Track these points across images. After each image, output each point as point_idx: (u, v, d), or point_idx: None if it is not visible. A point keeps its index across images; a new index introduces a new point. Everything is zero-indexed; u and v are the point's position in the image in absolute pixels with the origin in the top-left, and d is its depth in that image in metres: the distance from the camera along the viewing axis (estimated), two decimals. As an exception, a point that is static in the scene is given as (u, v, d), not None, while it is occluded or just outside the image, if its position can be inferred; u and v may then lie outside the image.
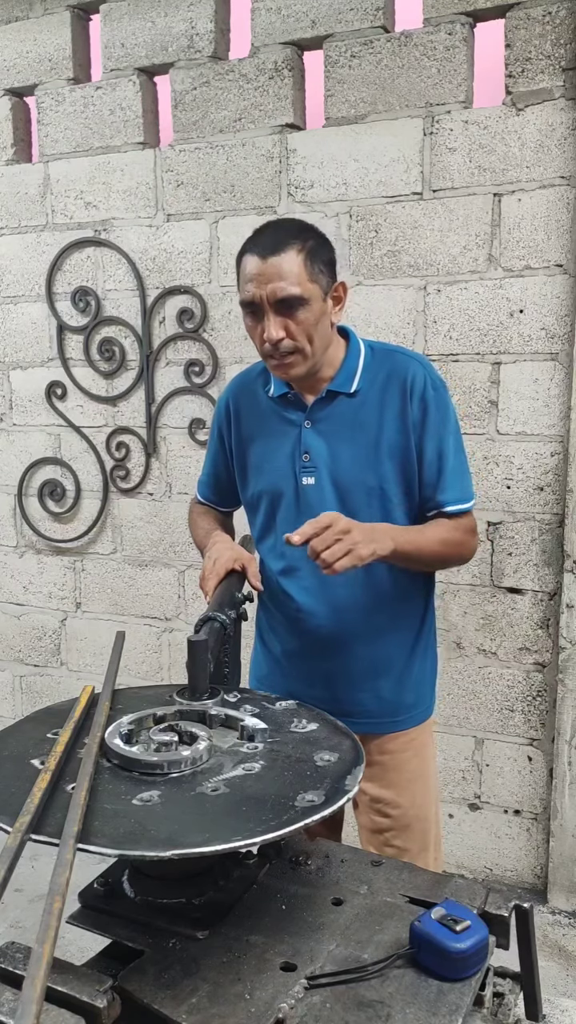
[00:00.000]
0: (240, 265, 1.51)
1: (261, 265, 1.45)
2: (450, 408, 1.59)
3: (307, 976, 0.84)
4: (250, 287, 1.47)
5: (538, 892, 2.59)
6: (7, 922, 2.41)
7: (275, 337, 1.46)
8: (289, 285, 1.44)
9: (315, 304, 1.47)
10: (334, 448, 1.57)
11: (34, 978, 0.66)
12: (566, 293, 2.38)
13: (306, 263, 1.46)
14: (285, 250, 1.45)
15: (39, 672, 3.38)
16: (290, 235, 1.48)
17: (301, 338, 1.48)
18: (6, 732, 1.15)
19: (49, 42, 2.99)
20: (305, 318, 1.47)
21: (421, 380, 1.55)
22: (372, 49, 2.53)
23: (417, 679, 1.68)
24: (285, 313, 1.46)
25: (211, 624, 1.32)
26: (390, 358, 1.60)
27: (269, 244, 1.47)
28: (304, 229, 1.53)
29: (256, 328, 1.50)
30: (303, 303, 1.45)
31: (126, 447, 3.06)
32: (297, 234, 1.49)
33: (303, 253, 1.46)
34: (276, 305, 1.45)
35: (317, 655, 1.62)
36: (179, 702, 1.16)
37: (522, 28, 2.35)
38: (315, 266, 1.47)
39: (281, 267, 1.44)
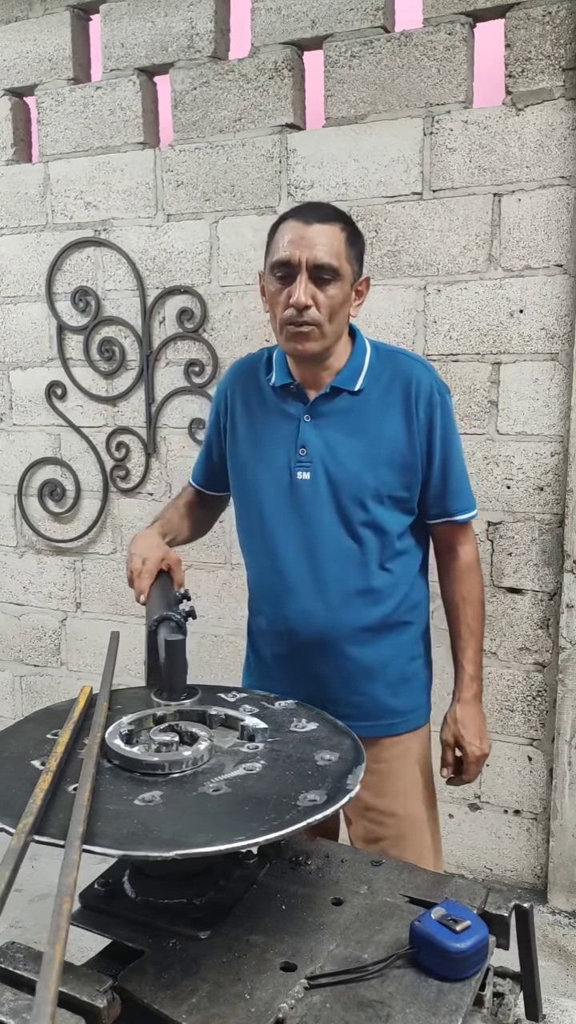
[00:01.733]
0: (277, 231, 1.49)
1: (305, 228, 1.44)
2: (453, 414, 1.60)
3: (307, 976, 0.84)
4: (289, 247, 1.44)
5: (538, 892, 2.59)
6: (7, 922, 2.41)
7: (303, 301, 1.43)
8: (330, 255, 1.43)
9: (345, 284, 1.47)
10: (333, 445, 1.55)
11: (47, 980, 0.67)
12: (566, 293, 2.38)
13: (346, 242, 1.47)
14: (330, 222, 1.46)
15: (39, 672, 3.38)
16: (335, 213, 1.51)
17: (325, 312, 1.46)
18: (6, 733, 1.15)
19: (49, 42, 2.99)
20: (334, 294, 1.45)
21: (427, 384, 1.55)
22: (372, 49, 2.53)
23: (412, 683, 1.67)
24: (317, 283, 1.44)
25: (168, 623, 1.29)
26: (394, 360, 1.59)
27: (315, 214, 1.47)
28: (347, 216, 1.55)
29: (282, 292, 1.47)
30: (337, 277, 1.45)
31: (126, 447, 3.06)
32: (342, 215, 1.52)
33: (345, 232, 1.47)
34: (312, 270, 1.43)
35: (308, 658, 1.59)
36: (157, 702, 1.15)
37: (522, 28, 2.35)
38: (352, 249, 1.48)
39: (324, 235, 1.44)
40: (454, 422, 1.60)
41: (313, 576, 1.57)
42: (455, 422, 1.61)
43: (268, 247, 1.52)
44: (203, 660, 2.95)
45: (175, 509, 1.80)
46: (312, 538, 1.56)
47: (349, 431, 1.54)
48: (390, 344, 1.70)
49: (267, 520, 1.60)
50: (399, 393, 1.54)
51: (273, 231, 1.51)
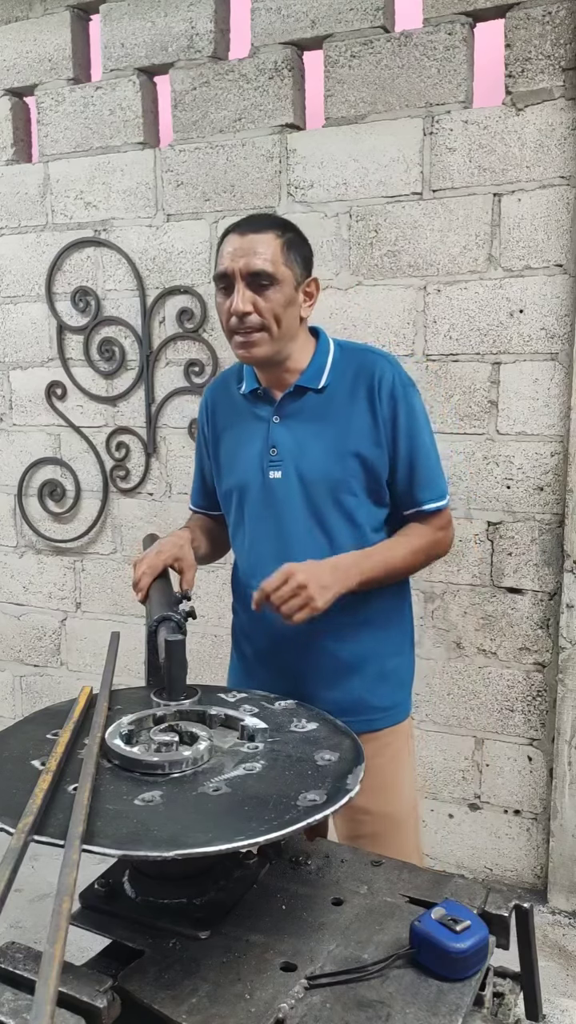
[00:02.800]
0: (220, 245, 1.55)
1: (239, 240, 1.49)
2: (419, 405, 1.61)
3: (307, 976, 0.84)
4: (224, 260, 1.50)
5: (538, 892, 2.59)
6: (7, 922, 2.41)
7: (241, 309, 1.48)
8: (262, 261, 1.47)
9: (286, 287, 1.50)
10: (301, 443, 1.58)
11: (47, 979, 0.67)
12: (566, 293, 2.38)
13: (282, 248, 1.50)
14: (264, 231, 1.49)
15: (39, 672, 3.38)
16: (272, 222, 1.54)
17: (268, 316, 1.49)
18: (6, 733, 1.15)
19: (49, 42, 2.99)
20: (275, 298, 1.49)
21: (389, 378, 1.56)
22: (372, 49, 2.53)
23: (392, 679, 1.66)
24: (255, 289, 1.48)
25: (168, 623, 1.29)
26: (358, 356, 1.61)
27: (251, 225, 1.52)
28: (286, 223, 1.57)
29: (225, 303, 1.52)
30: (274, 282, 1.48)
31: (126, 447, 3.06)
32: (278, 223, 1.55)
33: (281, 239, 1.50)
34: (248, 278, 1.47)
35: (285, 653, 1.60)
36: (157, 702, 1.15)
37: (522, 28, 2.35)
38: (290, 254, 1.50)
39: (257, 244, 1.48)
40: (422, 414, 1.61)
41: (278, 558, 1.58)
42: (423, 413, 1.62)
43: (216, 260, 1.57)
44: (203, 660, 2.95)
45: (195, 523, 1.81)
46: (286, 534, 1.59)
47: (317, 428, 1.57)
48: (358, 342, 1.73)
49: (246, 521, 1.64)
50: (363, 388, 1.56)
51: (220, 243, 1.56)
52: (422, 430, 1.60)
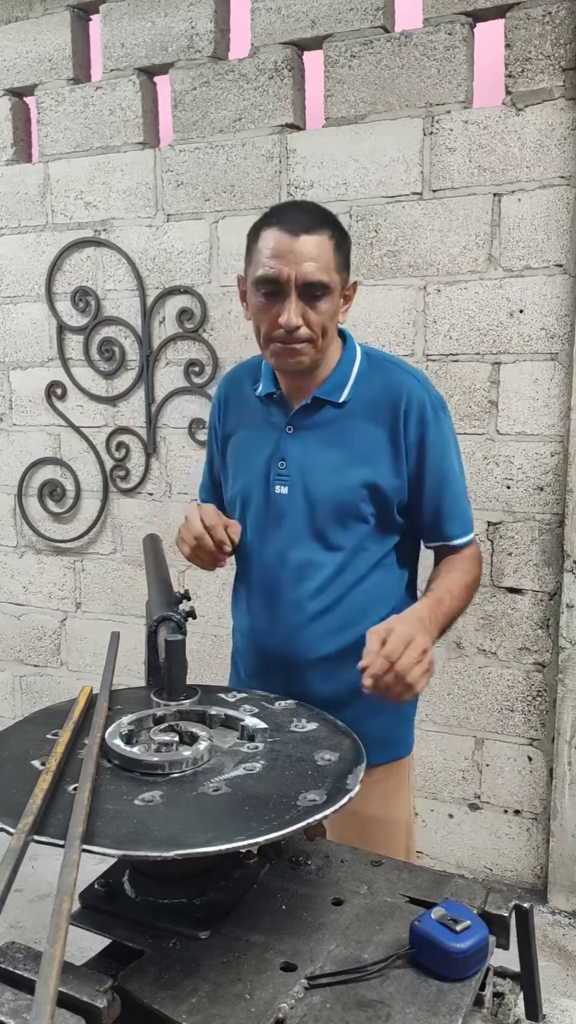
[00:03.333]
0: (258, 239, 1.38)
1: (291, 242, 1.33)
2: (449, 431, 1.48)
3: (307, 976, 0.84)
4: (275, 263, 1.34)
5: (538, 892, 2.59)
6: (7, 922, 2.41)
7: (294, 323, 1.35)
8: (320, 270, 1.34)
9: (335, 296, 1.38)
10: (312, 459, 1.46)
11: (47, 979, 0.67)
12: (566, 293, 2.38)
13: (335, 251, 1.37)
14: (318, 232, 1.35)
15: (39, 672, 3.38)
16: (323, 219, 1.39)
17: (316, 329, 1.37)
18: (6, 733, 1.15)
19: (49, 42, 2.99)
20: (325, 309, 1.37)
21: (419, 400, 1.44)
22: (372, 49, 2.53)
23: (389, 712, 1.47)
24: (307, 299, 1.35)
25: (168, 623, 1.29)
26: (386, 371, 1.48)
27: (301, 222, 1.35)
28: (332, 217, 1.42)
29: (269, 309, 1.37)
30: (328, 292, 1.36)
31: (126, 447, 3.06)
32: (328, 220, 1.40)
33: (332, 240, 1.37)
34: (302, 288, 1.34)
35: (275, 677, 1.48)
36: (157, 702, 1.15)
37: (522, 28, 2.35)
38: (341, 256, 1.39)
39: (312, 247, 1.33)
40: (451, 441, 1.48)
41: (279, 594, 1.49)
42: (454, 440, 1.49)
43: (249, 255, 1.42)
44: (203, 660, 2.95)
45: None
46: (284, 555, 1.49)
47: (331, 445, 1.46)
48: (386, 352, 1.59)
49: (246, 532, 1.53)
50: (387, 408, 1.44)
51: (254, 236, 1.40)
52: (452, 458, 1.48)
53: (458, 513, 1.49)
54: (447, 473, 1.47)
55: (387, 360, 1.52)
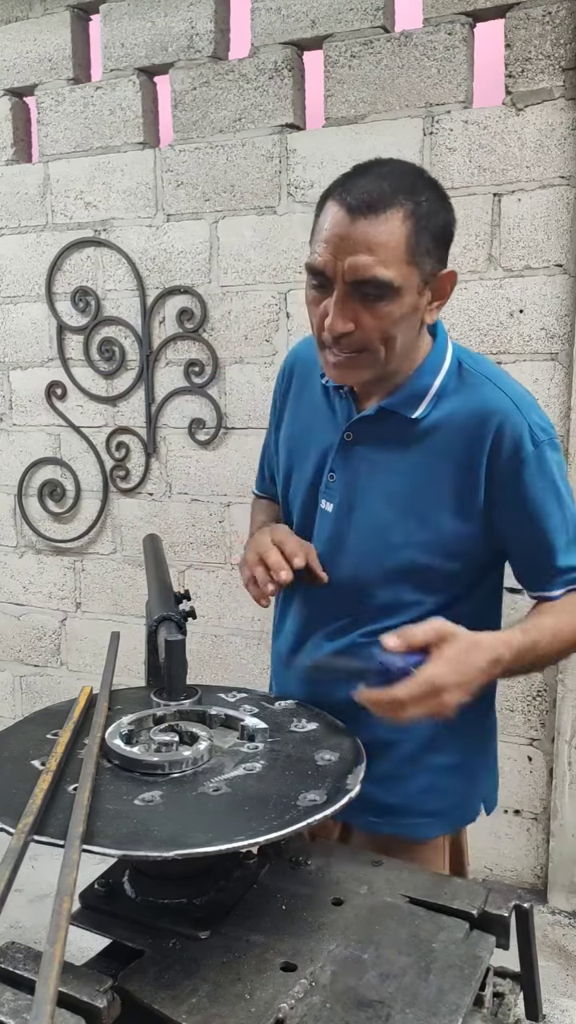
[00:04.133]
0: (321, 213, 1.11)
1: (347, 224, 1.05)
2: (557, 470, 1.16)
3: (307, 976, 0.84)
4: (322, 249, 1.07)
5: (538, 892, 2.59)
6: (7, 922, 2.41)
7: (339, 330, 1.08)
8: (377, 264, 1.04)
9: (407, 296, 1.08)
10: (366, 482, 1.21)
11: (47, 979, 0.67)
12: (566, 293, 2.38)
13: (411, 236, 1.06)
14: (387, 210, 1.05)
15: (39, 672, 3.38)
16: (401, 189, 1.07)
17: (374, 337, 1.09)
18: (6, 733, 1.15)
19: (49, 42, 2.99)
20: (388, 312, 1.07)
21: (516, 431, 1.13)
22: (372, 49, 2.53)
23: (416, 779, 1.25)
24: (362, 300, 1.07)
25: (168, 623, 1.28)
26: (481, 390, 1.17)
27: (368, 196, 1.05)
28: (423, 181, 1.11)
29: (319, 304, 1.11)
30: (391, 292, 1.06)
31: (126, 447, 3.06)
32: (411, 189, 1.08)
33: (410, 220, 1.06)
34: (352, 286, 1.06)
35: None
36: (157, 702, 1.15)
37: (522, 28, 2.35)
38: (423, 241, 1.08)
39: (374, 235, 1.04)
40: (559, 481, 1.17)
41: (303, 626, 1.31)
42: (563, 479, 1.18)
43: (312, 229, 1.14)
44: (203, 660, 2.95)
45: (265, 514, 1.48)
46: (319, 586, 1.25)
47: (391, 468, 1.19)
48: (488, 362, 1.25)
49: None
50: (473, 435, 1.14)
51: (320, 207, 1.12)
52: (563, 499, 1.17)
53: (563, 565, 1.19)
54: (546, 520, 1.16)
55: (487, 373, 1.20)
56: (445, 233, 1.14)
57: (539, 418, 1.17)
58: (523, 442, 1.13)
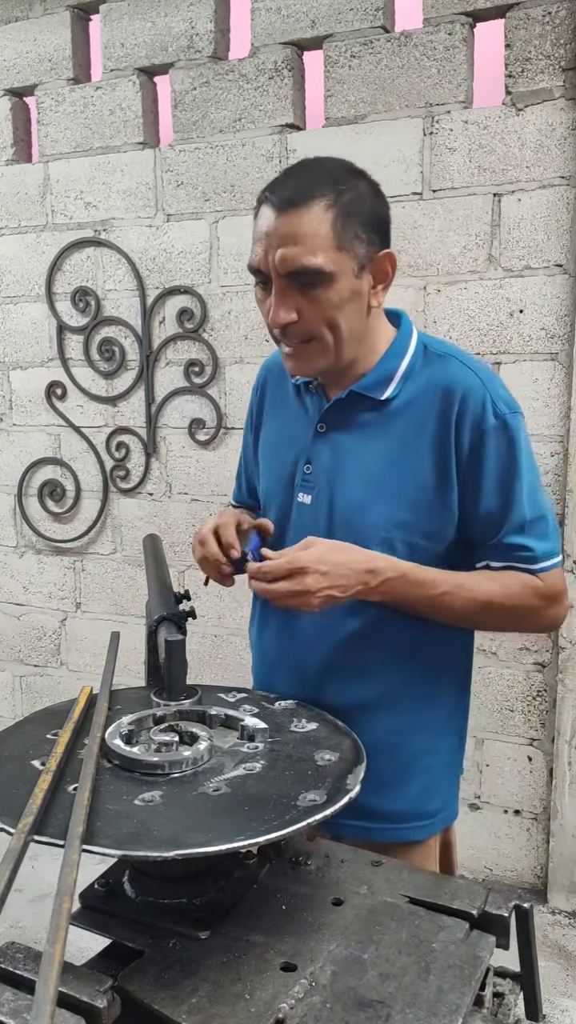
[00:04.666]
0: (255, 216, 1.17)
1: (274, 221, 1.10)
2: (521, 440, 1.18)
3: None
4: (257, 248, 1.13)
5: (538, 892, 2.59)
6: (7, 922, 2.41)
7: (282, 319, 1.12)
8: (305, 253, 1.09)
9: (342, 280, 1.12)
10: (342, 466, 1.23)
11: (47, 979, 0.67)
12: (566, 293, 2.38)
13: (336, 223, 1.10)
14: (308, 202, 1.09)
15: (39, 672, 3.38)
16: (323, 180, 1.11)
17: (318, 324, 1.14)
18: (6, 733, 1.15)
19: (49, 42, 2.99)
20: (326, 298, 1.11)
21: (479, 402, 1.16)
22: (372, 49, 2.53)
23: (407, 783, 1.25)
24: (299, 289, 1.11)
25: (168, 623, 1.28)
26: (444, 366, 1.20)
27: (290, 192, 1.10)
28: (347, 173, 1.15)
29: (264, 302, 1.17)
30: (324, 278, 1.10)
31: (126, 447, 3.06)
32: (334, 181, 1.12)
33: (333, 209, 1.10)
34: (287, 278, 1.11)
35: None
36: (157, 702, 1.15)
37: (522, 28, 2.35)
38: (350, 228, 1.11)
39: (298, 226, 1.09)
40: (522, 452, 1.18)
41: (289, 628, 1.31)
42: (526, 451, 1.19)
43: None
44: (203, 660, 2.95)
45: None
46: None
47: (365, 453, 1.22)
48: (450, 344, 1.30)
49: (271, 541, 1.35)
50: (439, 410, 1.17)
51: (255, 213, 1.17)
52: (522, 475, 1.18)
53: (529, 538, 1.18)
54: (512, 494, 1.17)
55: (448, 352, 1.24)
56: (375, 219, 1.16)
57: (503, 393, 1.20)
58: (486, 414, 1.16)
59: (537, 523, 1.19)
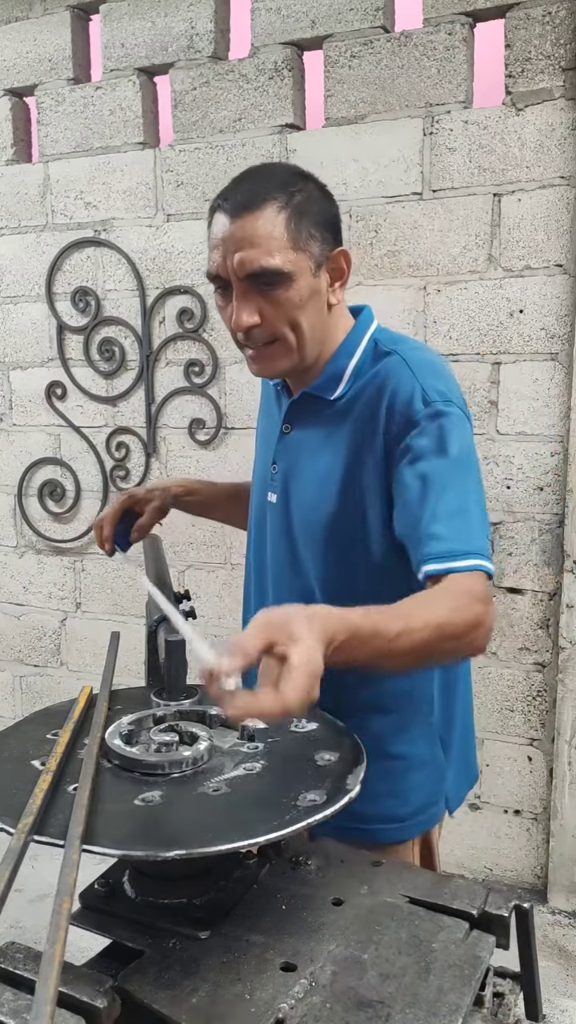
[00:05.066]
0: (208, 224, 1.17)
1: (229, 227, 1.11)
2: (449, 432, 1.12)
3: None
4: (214, 255, 1.14)
5: (538, 892, 2.59)
6: (7, 922, 2.41)
7: (245, 323, 1.13)
8: (263, 255, 1.10)
9: (301, 280, 1.13)
10: (298, 465, 1.25)
11: (47, 979, 0.67)
12: (566, 293, 2.38)
13: (290, 224, 1.11)
14: (261, 206, 1.10)
15: (39, 672, 3.38)
16: (273, 184, 1.13)
17: (280, 324, 1.15)
18: (6, 733, 1.15)
19: (49, 42, 2.99)
20: (287, 298, 1.12)
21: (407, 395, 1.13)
22: (372, 49, 2.53)
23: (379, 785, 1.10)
24: (260, 292, 1.12)
25: (168, 624, 1.28)
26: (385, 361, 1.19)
27: (243, 197, 1.12)
28: (295, 177, 1.17)
29: (225, 309, 1.17)
30: (283, 278, 1.11)
31: (126, 447, 3.06)
32: (283, 184, 1.14)
33: (287, 210, 1.11)
34: (246, 281, 1.12)
35: None
36: (157, 702, 1.15)
37: (522, 28, 2.35)
38: (303, 228, 1.12)
39: (253, 230, 1.10)
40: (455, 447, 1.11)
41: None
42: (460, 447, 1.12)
43: None
44: (203, 660, 2.95)
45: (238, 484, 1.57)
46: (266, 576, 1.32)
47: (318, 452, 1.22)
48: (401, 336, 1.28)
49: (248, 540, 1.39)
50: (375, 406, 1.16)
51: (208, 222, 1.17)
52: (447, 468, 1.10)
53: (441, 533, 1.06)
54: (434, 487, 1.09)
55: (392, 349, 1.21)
56: (327, 218, 1.16)
57: (437, 383, 1.15)
58: (414, 402, 1.13)
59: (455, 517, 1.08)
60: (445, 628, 0.99)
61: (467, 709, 1.38)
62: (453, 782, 1.36)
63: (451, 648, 1.02)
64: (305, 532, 1.23)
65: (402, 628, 0.95)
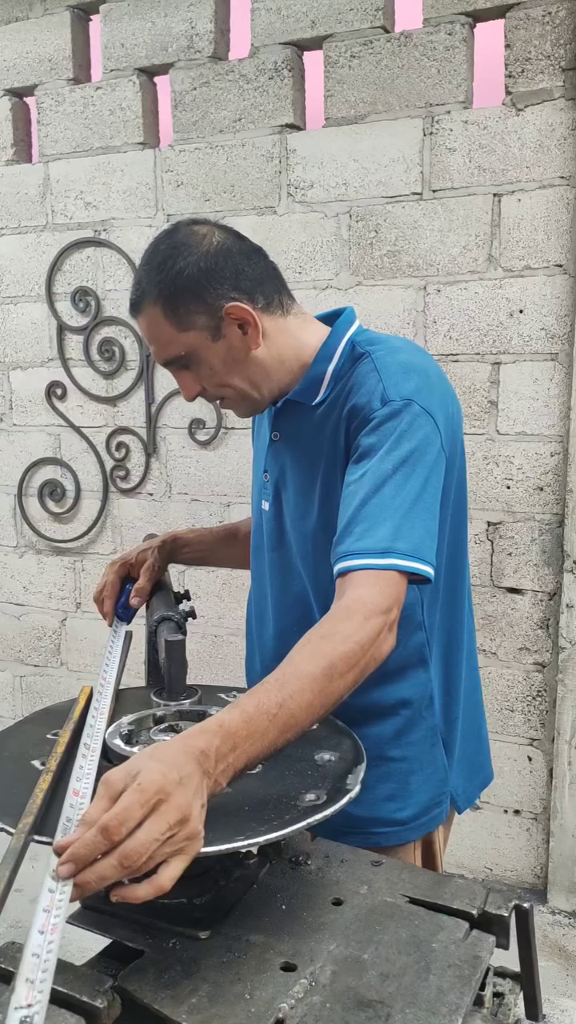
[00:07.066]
0: None
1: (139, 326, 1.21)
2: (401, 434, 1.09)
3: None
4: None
5: (538, 892, 2.59)
6: (7, 922, 2.41)
7: (188, 398, 1.23)
8: (160, 350, 1.18)
9: (204, 352, 1.16)
10: (286, 474, 1.27)
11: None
12: (566, 293, 2.38)
13: (168, 314, 1.14)
14: (141, 308, 1.17)
15: (39, 672, 3.38)
16: (142, 284, 1.17)
17: (215, 389, 1.22)
18: (6, 733, 1.15)
19: (49, 42, 2.99)
20: (204, 372, 1.19)
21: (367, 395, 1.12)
22: (372, 49, 2.53)
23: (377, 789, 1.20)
24: (182, 371, 1.21)
25: (168, 623, 1.28)
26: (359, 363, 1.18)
27: (133, 297, 1.19)
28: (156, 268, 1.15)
29: None
30: (188, 359, 1.18)
31: (126, 447, 3.06)
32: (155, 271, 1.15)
33: (159, 303, 1.15)
34: (168, 367, 1.21)
35: None
36: (157, 702, 1.15)
37: (522, 28, 2.35)
38: (180, 311, 1.14)
39: (146, 330, 1.19)
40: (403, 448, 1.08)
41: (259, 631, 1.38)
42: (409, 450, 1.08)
43: None
44: (203, 660, 2.95)
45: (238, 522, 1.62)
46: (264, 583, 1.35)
47: (300, 455, 1.24)
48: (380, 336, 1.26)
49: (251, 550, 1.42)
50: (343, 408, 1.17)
51: None
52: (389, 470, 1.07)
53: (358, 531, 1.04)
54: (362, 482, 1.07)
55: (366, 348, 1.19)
56: (195, 286, 1.14)
57: (404, 383, 1.12)
58: (372, 401, 1.11)
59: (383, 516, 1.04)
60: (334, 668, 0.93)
61: (473, 709, 1.36)
62: (459, 783, 1.33)
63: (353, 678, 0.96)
64: (297, 540, 1.26)
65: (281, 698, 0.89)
